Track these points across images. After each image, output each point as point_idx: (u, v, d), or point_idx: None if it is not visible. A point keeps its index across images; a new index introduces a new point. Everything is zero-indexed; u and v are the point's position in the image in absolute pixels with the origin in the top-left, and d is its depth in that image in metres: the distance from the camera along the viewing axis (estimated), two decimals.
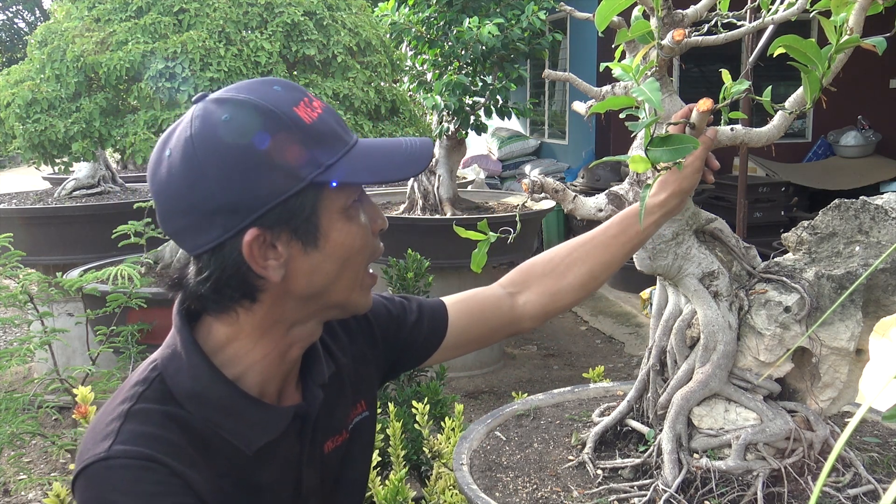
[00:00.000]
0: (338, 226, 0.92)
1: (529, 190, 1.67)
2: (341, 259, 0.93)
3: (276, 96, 0.89)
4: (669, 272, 1.77)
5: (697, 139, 1.24)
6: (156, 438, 0.87)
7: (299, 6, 3.78)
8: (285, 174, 0.87)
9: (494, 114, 5.03)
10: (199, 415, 0.91)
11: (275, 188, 0.87)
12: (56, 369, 2.66)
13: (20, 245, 2.95)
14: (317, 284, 0.93)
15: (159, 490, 0.84)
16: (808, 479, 1.67)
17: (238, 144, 0.86)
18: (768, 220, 6.46)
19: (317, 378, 1.04)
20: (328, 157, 0.89)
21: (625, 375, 4.65)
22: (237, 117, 0.87)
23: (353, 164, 0.90)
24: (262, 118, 0.87)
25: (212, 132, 0.87)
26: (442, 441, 2.32)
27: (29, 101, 3.55)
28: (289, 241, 0.90)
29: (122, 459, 0.84)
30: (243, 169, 0.86)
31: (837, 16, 1.31)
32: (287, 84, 0.92)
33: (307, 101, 0.90)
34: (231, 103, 0.88)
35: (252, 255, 0.88)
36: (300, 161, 0.87)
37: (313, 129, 0.89)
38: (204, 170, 0.86)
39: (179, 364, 0.93)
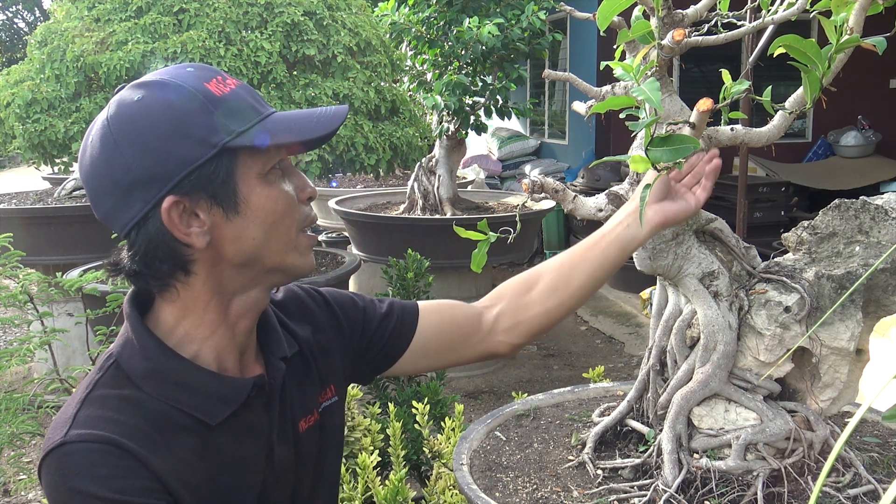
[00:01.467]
0: (257, 190, 0.94)
1: (529, 190, 1.67)
2: (265, 223, 0.95)
3: (187, 75, 0.93)
4: (669, 272, 1.77)
5: (698, 140, 1.24)
6: (111, 421, 0.89)
7: (299, 6, 3.78)
8: (196, 142, 0.90)
9: (494, 114, 5.03)
10: (156, 394, 0.93)
11: (187, 156, 0.90)
12: (56, 369, 2.66)
13: (20, 245, 2.95)
14: (246, 249, 0.95)
15: (116, 472, 0.85)
16: (808, 479, 1.67)
17: (148, 118, 0.90)
18: (768, 220, 6.46)
19: (276, 350, 1.07)
20: (240, 125, 0.92)
21: (625, 375, 4.65)
22: (148, 95, 0.91)
23: (267, 129, 0.93)
24: (173, 93, 0.91)
25: (125, 111, 0.91)
26: (442, 441, 2.32)
27: (29, 101, 3.56)
28: (209, 207, 0.93)
29: (79, 444, 0.86)
30: (155, 140, 0.89)
31: (837, 16, 1.31)
32: (200, 66, 0.97)
33: (220, 79, 0.94)
34: (143, 85, 0.93)
35: (172, 223, 0.91)
36: (211, 129, 0.91)
37: (224, 101, 0.92)
38: (119, 147, 0.90)
39: (132, 348, 0.96)
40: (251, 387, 1.00)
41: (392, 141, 3.98)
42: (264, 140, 0.92)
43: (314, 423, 1.10)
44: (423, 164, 5.10)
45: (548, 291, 1.26)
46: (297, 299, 1.17)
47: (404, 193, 5.39)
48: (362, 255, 4.84)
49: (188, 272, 0.96)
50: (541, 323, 1.28)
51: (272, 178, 0.95)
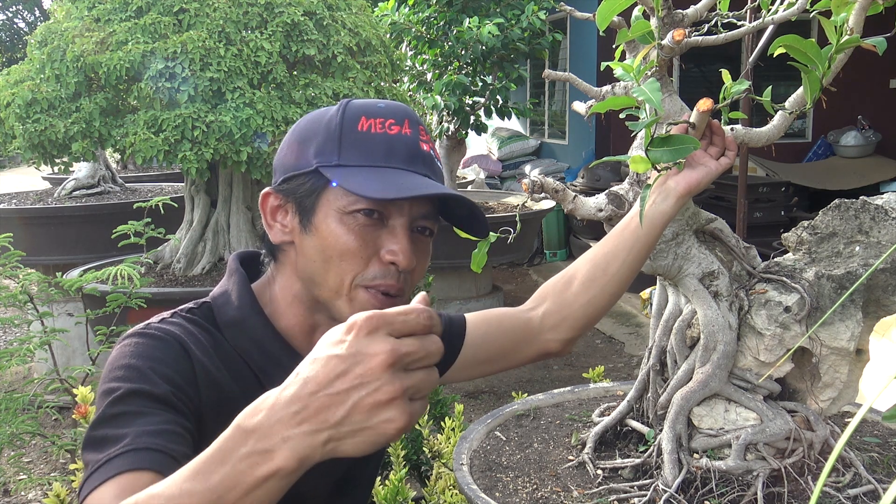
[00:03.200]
0: (329, 221, 0.97)
1: (529, 190, 1.67)
2: (324, 253, 0.98)
3: (365, 106, 1.01)
4: (669, 272, 1.77)
5: (698, 140, 1.24)
6: (190, 333, 0.98)
7: (299, 6, 3.77)
8: (306, 156, 0.99)
9: (494, 114, 5.04)
10: (233, 342, 1.01)
11: (296, 163, 1.00)
12: (56, 369, 2.65)
13: (20, 245, 2.95)
14: (307, 268, 1.00)
15: (165, 359, 0.93)
16: (808, 479, 1.67)
17: (302, 123, 1.03)
18: (768, 220, 6.46)
19: None
20: (347, 160, 0.97)
21: (625, 375, 4.65)
22: (324, 109, 1.03)
23: (360, 176, 0.95)
24: (331, 114, 1.00)
25: (309, 114, 1.05)
26: (442, 441, 2.32)
27: (29, 101, 3.55)
28: (294, 212, 1.01)
29: (153, 331, 0.96)
30: (290, 141, 1.03)
31: (837, 16, 1.31)
32: (393, 105, 1.02)
33: (387, 122, 0.99)
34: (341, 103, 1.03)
35: (264, 211, 1.03)
36: (324, 151, 0.98)
37: (358, 137, 0.98)
38: (286, 136, 1.05)
39: (228, 298, 1.05)
40: None
41: None
42: (342, 182, 0.96)
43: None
44: None
45: (588, 282, 1.28)
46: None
47: None
48: None
49: (277, 261, 1.05)
50: (587, 313, 1.29)
51: (350, 221, 0.97)
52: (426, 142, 1.02)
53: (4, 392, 2.51)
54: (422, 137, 1.01)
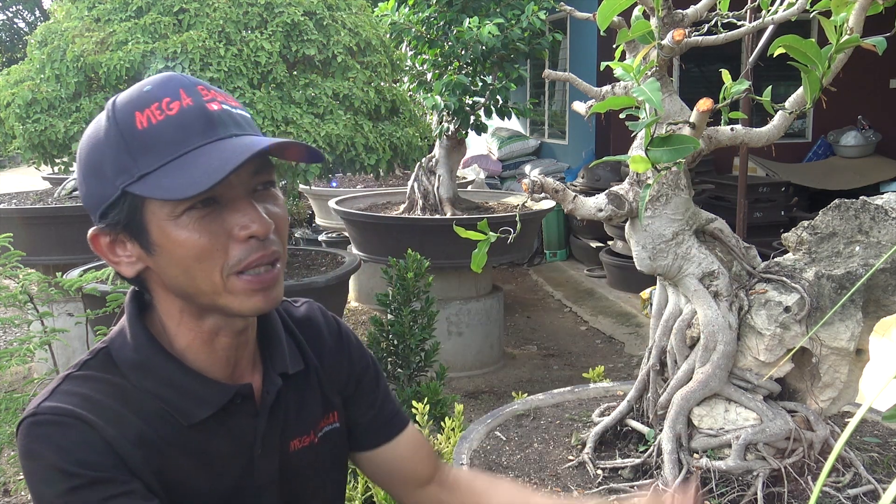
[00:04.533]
0: (166, 232, 0.90)
1: (529, 190, 1.67)
2: (181, 265, 0.91)
3: (133, 100, 0.91)
4: (669, 272, 1.77)
5: (698, 140, 1.24)
6: (84, 398, 0.91)
7: (299, 6, 3.77)
8: (107, 181, 0.91)
9: (494, 114, 5.03)
10: (140, 385, 0.95)
11: (101, 194, 0.92)
12: (56, 369, 2.65)
13: (20, 245, 2.95)
14: (175, 284, 0.94)
15: (75, 445, 0.88)
16: (808, 479, 1.67)
17: (84, 151, 0.94)
18: (768, 220, 6.46)
19: (277, 365, 1.06)
20: (146, 167, 0.88)
21: (625, 375, 4.65)
22: (97, 119, 0.94)
23: (166, 177, 0.88)
24: (104, 126, 0.91)
25: (84, 137, 0.95)
26: (442, 441, 2.32)
27: (29, 101, 3.55)
28: (129, 240, 0.94)
29: (47, 415, 0.89)
30: (85, 174, 0.94)
31: (837, 16, 1.31)
32: (159, 81, 0.92)
33: (164, 103, 0.89)
34: (105, 107, 0.94)
35: (101, 251, 0.96)
36: (119, 168, 0.90)
37: (143, 136, 0.89)
38: (77, 170, 0.97)
39: (124, 339, 0.98)
40: (234, 394, 1.00)
41: (392, 141, 3.98)
42: (154, 191, 0.87)
43: (309, 444, 1.09)
44: (423, 164, 5.10)
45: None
46: (314, 319, 1.17)
47: (404, 193, 5.39)
48: (362, 255, 4.84)
49: (147, 289, 0.99)
50: None
51: (186, 221, 0.89)
52: (211, 99, 0.91)
53: (4, 392, 2.51)
54: (205, 98, 0.91)
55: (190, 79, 0.93)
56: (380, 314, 3.60)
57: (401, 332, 2.93)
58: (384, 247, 4.67)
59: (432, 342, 3.01)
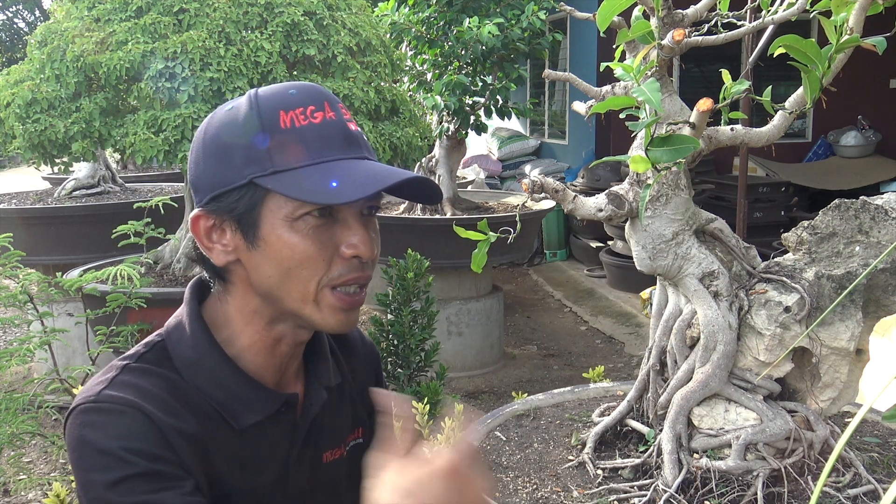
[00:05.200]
0: (278, 232, 0.91)
1: (529, 190, 1.67)
2: (281, 266, 0.92)
3: (277, 97, 0.92)
4: (669, 272, 1.77)
5: (698, 140, 1.24)
6: (144, 391, 0.91)
7: (299, 6, 3.77)
8: (234, 168, 0.91)
9: (494, 114, 5.03)
10: (193, 383, 0.95)
11: (222, 178, 0.91)
12: (56, 369, 2.65)
13: (20, 245, 2.95)
14: (264, 284, 0.94)
15: (131, 433, 0.88)
16: (808, 479, 1.67)
17: (216, 131, 0.93)
18: (768, 220, 6.46)
19: (322, 378, 1.06)
20: (281, 164, 0.89)
21: (625, 375, 4.65)
22: (235, 108, 0.93)
23: (302, 178, 0.88)
24: (244, 114, 0.91)
25: (215, 115, 0.95)
26: (442, 441, 2.32)
27: (29, 101, 3.55)
28: (234, 231, 0.93)
29: (106, 403, 0.89)
30: (208, 154, 0.93)
31: (837, 16, 1.31)
32: (305, 89, 0.93)
33: (309, 111, 0.91)
34: (246, 96, 0.93)
35: (197, 234, 0.95)
36: (250, 159, 0.90)
37: (285, 135, 0.90)
38: (195, 146, 0.95)
39: (182, 333, 0.98)
40: (282, 402, 1.00)
41: (392, 141, 3.98)
42: (283, 189, 0.89)
43: (339, 457, 1.10)
44: (423, 164, 5.10)
45: None
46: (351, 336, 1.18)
47: None
48: None
49: (226, 281, 0.98)
50: None
51: (302, 226, 0.90)
52: (350, 120, 0.94)
53: (4, 392, 2.51)
54: (346, 117, 0.93)
55: (332, 94, 0.94)
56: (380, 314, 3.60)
57: (401, 332, 2.93)
58: (384, 247, 4.65)
59: (432, 342, 3.01)
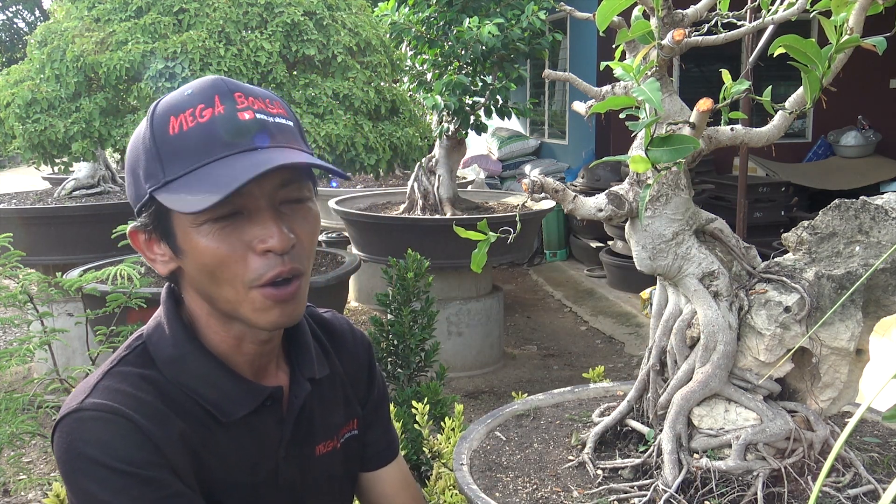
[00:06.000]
0: (189, 239, 0.91)
1: (529, 190, 1.67)
2: (203, 271, 0.92)
3: (172, 103, 0.92)
4: (669, 272, 1.77)
5: (698, 140, 1.24)
6: (128, 395, 0.92)
7: (299, 6, 3.78)
8: (138, 182, 0.93)
9: (494, 114, 5.03)
10: (177, 380, 0.96)
11: (135, 194, 0.95)
12: (56, 369, 2.65)
13: (20, 245, 2.95)
14: (201, 288, 0.96)
15: (122, 442, 0.88)
16: (808, 479, 1.67)
17: (129, 148, 0.96)
18: (768, 220, 6.46)
19: (305, 370, 1.06)
20: (172, 173, 0.89)
21: (625, 375, 4.65)
22: (142, 123, 0.95)
23: (181, 190, 0.88)
24: (143, 127, 0.93)
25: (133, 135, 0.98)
26: (442, 441, 2.32)
27: (29, 101, 3.55)
28: (160, 241, 0.96)
29: (92, 412, 0.89)
30: (126, 171, 0.96)
31: (837, 16, 1.31)
32: (201, 86, 0.92)
33: (196, 110, 0.90)
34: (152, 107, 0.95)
35: (139, 248, 0.98)
36: (149, 172, 0.91)
37: (173, 143, 0.89)
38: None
39: (162, 333, 0.99)
40: (267, 395, 1.00)
41: (392, 141, 3.98)
42: (171, 202, 0.88)
43: (333, 449, 1.09)
44: (423, 164, 5.10)
45: None
46: (340, 328, 1.17)
47: (404, 193, 5.39)
48: (362, 255, 4.84)
49: (178, 287, 1.00)
50: None
51: (207, 230, 0.90)
52: (246, 107, 0.90)
53: (4, 392, 2.51)
54: (239, 105, 0.90)
55: (231, 84, 0.92)
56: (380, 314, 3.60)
57: (401, 332, 2.93)
58: (384, 247, 4.67)
59: (432, 342, 3.01)
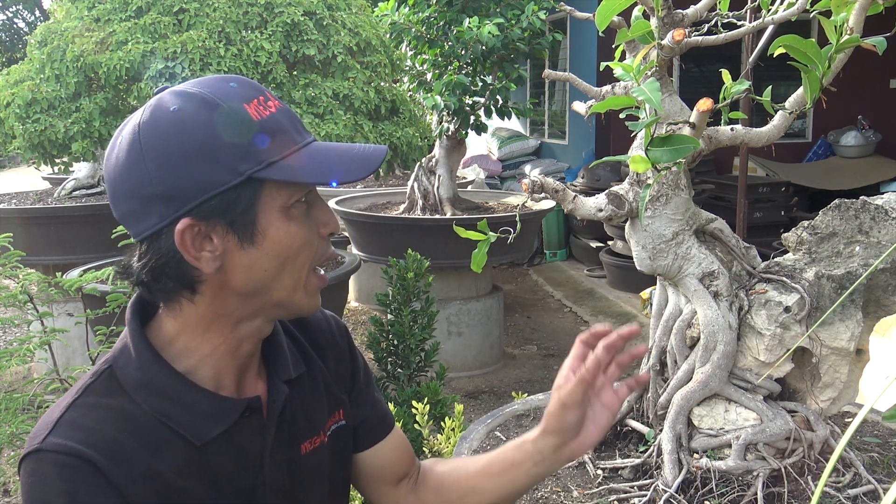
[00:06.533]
0: (276, 224, 0.91)
1: (529, 190, 1.67)
2: (279, 257, 0.92)
3: (228, 91, 0.90)
4: (669, 272, 1.77)
5: (698, 140, 1.24)
6: (90, 432, 0.88)
7: (299, 6, 3.78)
8: (224, 167, 0.88)
9: (494, 114, 5.03)
10: (147, 405, 0.92)
11: (212, 180, 0.87)
12: (56, 369, 2.65)
13: (20, 245, 2.95)
14: (255, 281, 0.93)
15: (81, 489, 0.86)
16: (808, 479, 1.67)
17: (179, 134, 0.87)
18: (768, 220, 6.46)
19: (281, 373, 1.05)
20: (271, 155, 0.89)
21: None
22: (184, 108, 0.88)
23: (296, 164, 0.90)
24: (208, 111, 0.88)
25: (158, 120, 0.89)
26: (442, 441, 2.32)
27: (29, 101, 3.56)
28: (224, 234, 0.90)
29: (51, 454, 0.87)
30: (180, 158, 0.87)
31: (837, 16, 1.31)
32: (244, 81, 0.93)
33: (261, 100, 0.91)
34: (183, 95, 0.89)
35: (184, 245, 0.89)
36: (241, 155, 0.88)
37: (260, 126, 0.89)
38: (144, 157, 0.88)
39: (128, 356, 0.95)
40: (244, 408, 0.99)
41: (392, 141, 3.98)
42: (291, 176, 0.90)
43: (320, 444, 1.09)
44: (423, 164, 5.10)
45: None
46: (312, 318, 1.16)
47: (404, 193, 5.39)
48: (362, 255, 4.84)
49: (194, 292, 0.94)
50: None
51: (294, 213, 0.93)
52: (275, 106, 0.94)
53: (4, 392, 2.51)
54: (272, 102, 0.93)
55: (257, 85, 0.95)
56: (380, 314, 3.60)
57: (401, 332, 2.93)
58: (384, 247, 4.67)
59: (432, 342, 3.01)
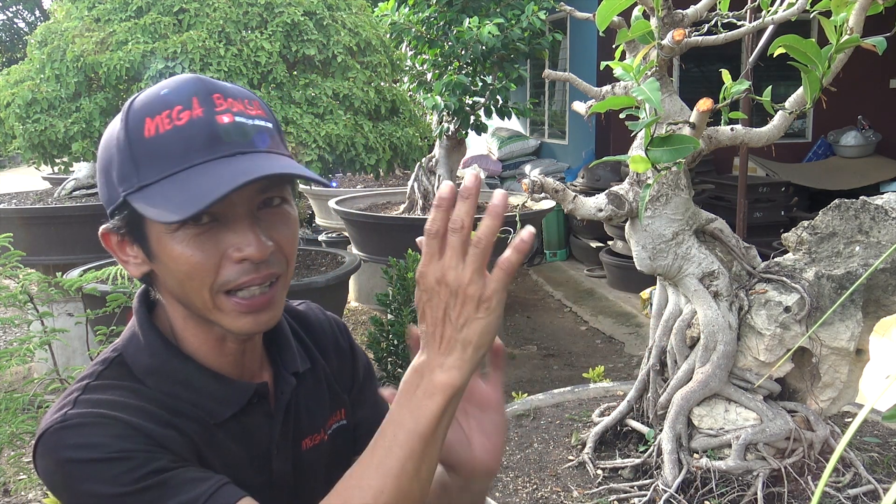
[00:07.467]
0: (163, 245, 0.89)
1: (529, 190, 1.67)
2: (175, 278, 0.91)
3: (147, 103, 0.89)
4: (669, 272, 1.77)
5: (698, 140, 1.24)
6: (113, 403, 0.88)
7: (299, 6, 3.78)
8: (112, 184, 0.91)
9: (494, 114, 5.03)
10: (159, 389, 0.94)
11: (108, 196, 0.93)
12: (56, 369, 2.65)
13: (20, 245, 2.95)
14: (173, 292, 0.94)
15: (112, 438, 0.85)
16: (808, 479, 1.67)
17: (103, 147, 0.93)
18: (768, 220, 6.46)
19: (288, 365, 1.06)
20: (147, 177, 0.87)
21: (625, 375, 4.65)
22: (114, 119, 0.93)
23: (157, 195, 0.86)
24: (117, 128, 0.91)
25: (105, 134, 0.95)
26: None
27: (29, 101, 3.55)
28: (132, 244, 0.94)
29: (77, 419, 0.86)
30: (98, 171, 0.94)
31: (837, 16, 1.31)
32: (178, 86, 0.90)
33: (174, 112, 0.87)
34: (126, 104, 0.92)
35: (112, 250, 0.96)
36: (122, 175, 0.89)
37: (149, 145, 0.87)
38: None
39: (138, 343, 0.97)
40: (253, 392, 0.99)
41: (392, 141, 3.98)
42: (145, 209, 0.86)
43: (320, 442, 1.09)
44: (423, 164, 5.10)
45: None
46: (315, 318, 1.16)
47: (404, 193, 5.39)
48: (362, 255, 4.84)
49: (154, 289, 0.98)
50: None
51: (182, 236, 0.88)
52: (224, 110, 0.88)
53: (4, 392, 2.51)
54: (217, 108, 0.87)
55: (210, 84, 0.90)
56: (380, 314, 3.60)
57: (401, 332, 2.93)
58: (384, 247, 4.67)
59: None
